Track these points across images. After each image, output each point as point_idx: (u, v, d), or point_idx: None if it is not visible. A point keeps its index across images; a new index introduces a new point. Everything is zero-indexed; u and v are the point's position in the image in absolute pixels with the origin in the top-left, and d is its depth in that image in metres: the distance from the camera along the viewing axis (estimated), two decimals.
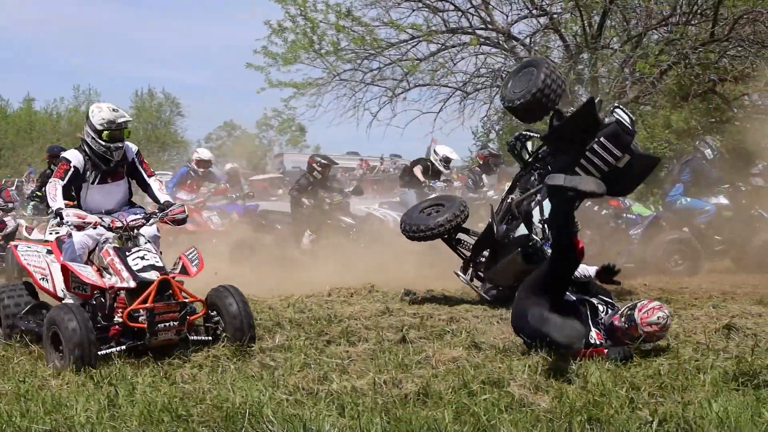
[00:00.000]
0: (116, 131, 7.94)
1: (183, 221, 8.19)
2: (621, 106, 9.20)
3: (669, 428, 5.76)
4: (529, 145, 10.10)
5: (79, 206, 8.05)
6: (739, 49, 17.08)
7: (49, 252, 8.34)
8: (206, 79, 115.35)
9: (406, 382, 6.71)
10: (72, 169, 7.98)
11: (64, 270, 7.67)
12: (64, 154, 8.24)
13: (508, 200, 10.09)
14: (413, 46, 17.97)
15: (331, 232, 16.35)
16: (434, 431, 5.54)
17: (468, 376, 6.92)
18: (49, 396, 6.51)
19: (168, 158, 61.19)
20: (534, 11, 17.61)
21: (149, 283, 7.27)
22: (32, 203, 15.57)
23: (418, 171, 16.47)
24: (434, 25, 17.89)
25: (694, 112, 17.40)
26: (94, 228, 7.65)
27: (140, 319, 7.17)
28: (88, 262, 7.90)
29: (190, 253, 8.05)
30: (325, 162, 17.95)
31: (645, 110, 17.92)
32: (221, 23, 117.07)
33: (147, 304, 7.10)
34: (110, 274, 7.49)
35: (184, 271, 7.81)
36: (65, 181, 7.92)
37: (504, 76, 18.44)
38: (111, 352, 7.23)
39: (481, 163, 16.63)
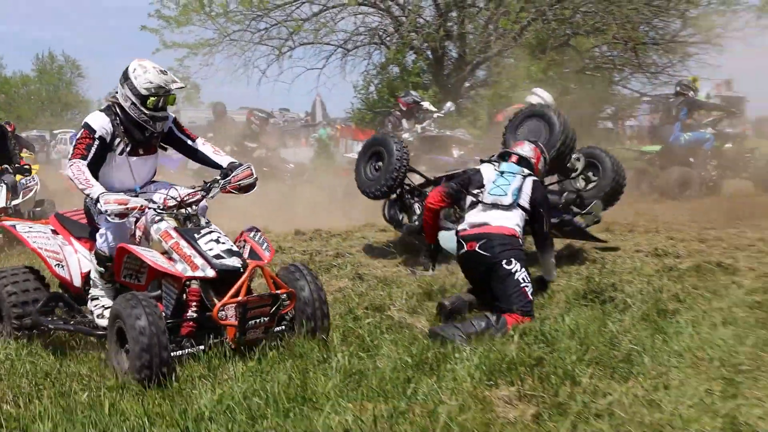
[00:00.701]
0: (163, 98, 5.89)
1: (252, 186, 6.09)
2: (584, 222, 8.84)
3: (528, 340, 6.03)
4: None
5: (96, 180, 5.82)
6: (590, 5, 17.47)
7: (54, 232, 6.47)
8: (104, 40, 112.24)
9: None
10: (97, 141, 5.81)
11: (119, 254, 5.77)
12: (86, 120, 5.93)
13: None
14: (297, 8, 17.91)
15: (266, 180, 16.20)
16: (324, 352, 5.72)
17: (353, 304, 7.14)
18: None
19: (71, 117, 60.02)
20: None
21: (231, 271, 5.52)
22: None
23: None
24: None
25: (551, 63, 17.74)
26: (141, 213, 5.75)
27: (220, 314, 5.37)
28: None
29: (254, 233, 6.18)
30: (263, 116, 17.86)
31: (508, 62, 18.20)
32: None
33: (239, 298, 5.38)
34: (174, 260, 5.62)
35: (254, 255, 5.92)
36: (89, 159, 5.77)
37: (381, 35, 18.53)
38: (187, 354, 5.54)
39: (403, 109, 16.49)
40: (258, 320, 5.53)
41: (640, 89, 20.59)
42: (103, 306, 5.98)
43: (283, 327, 5.92)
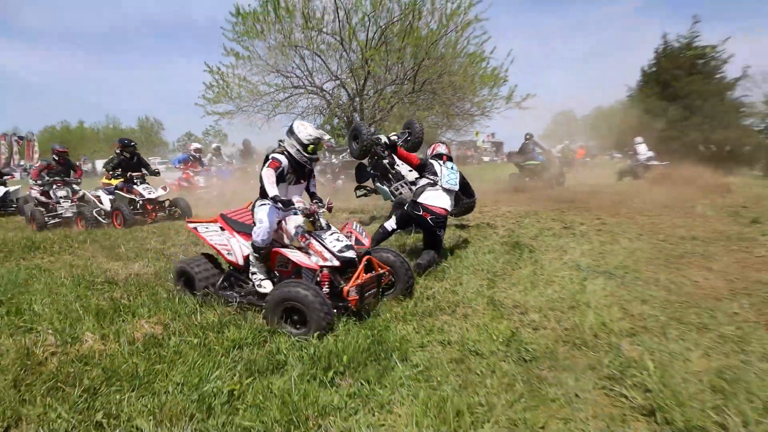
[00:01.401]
0: (318, 145, 4.92)
1: (331, 210, 4.99)
2: None
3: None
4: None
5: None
6: (426, 96, 17.59)
7: (222, 228, 5.32)
8: (177, 110, 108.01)
9: None
10: (281, 167, 4.80)
11: (274, 254, 4.94)
12: (274, 156, 4.86)
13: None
14: (277, 93, 17.45)
15: None
16: None
17: None
18: None
19: (157, 151, 60.37)
20: (333, 78, 17.45)
21: (349, 260, 4.67)
22: (113, 173, 10.91)
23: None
24: (286, 84, 17.44)
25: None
26: (311, 213, 4.80)
27: (349, 292, 4.49)
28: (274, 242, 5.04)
29: (356, 226, 5.27)
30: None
31: (386, 124, 18.21)
32: (184, 80, 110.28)
33: (359, 281, 4.52)
34: (308, 253, 4.73)
35: (358, 242, 5.08)
36: (277, 174, 4.73)
37: (320, 109, 18.30)
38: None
39: (326, 147, 16.23)
40: (371, 292, 4.66)
41: (450, 137, 20.99)
42: (260, 278, 5.00)
43: (383, 292, 4.99)
